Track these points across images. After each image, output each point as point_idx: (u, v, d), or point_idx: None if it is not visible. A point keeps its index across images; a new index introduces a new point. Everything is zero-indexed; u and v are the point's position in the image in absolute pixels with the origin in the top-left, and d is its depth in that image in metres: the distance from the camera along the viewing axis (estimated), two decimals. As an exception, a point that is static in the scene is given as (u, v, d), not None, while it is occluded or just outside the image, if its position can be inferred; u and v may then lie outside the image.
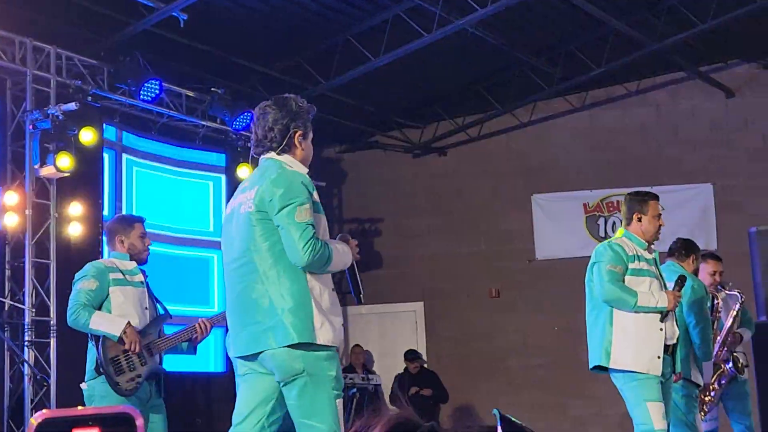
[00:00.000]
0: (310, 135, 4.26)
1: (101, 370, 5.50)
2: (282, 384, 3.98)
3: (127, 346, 5.50)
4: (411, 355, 12.05)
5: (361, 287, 4.37)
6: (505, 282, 12.62)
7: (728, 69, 12.51)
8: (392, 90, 12.15)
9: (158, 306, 5.88)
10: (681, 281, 5.87)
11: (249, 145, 4.08)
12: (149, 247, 5.85)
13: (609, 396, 11.93)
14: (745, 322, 7.51)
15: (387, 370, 12.25)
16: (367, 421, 1.09)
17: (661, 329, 5.64)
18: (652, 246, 5.90)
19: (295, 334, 3.89)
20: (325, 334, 3.94)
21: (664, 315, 5.63)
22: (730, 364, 7.29)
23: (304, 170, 4.17)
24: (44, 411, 0.85)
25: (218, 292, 11.01)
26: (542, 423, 12.12)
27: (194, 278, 10.86)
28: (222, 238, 4.28)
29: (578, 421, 12.15)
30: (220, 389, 11.71)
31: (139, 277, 5.76)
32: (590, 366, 5.85)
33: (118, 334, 5.48)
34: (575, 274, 11.05)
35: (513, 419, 1.05)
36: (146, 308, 5.72)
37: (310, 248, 3.89)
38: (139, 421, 0.86)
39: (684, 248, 7.00)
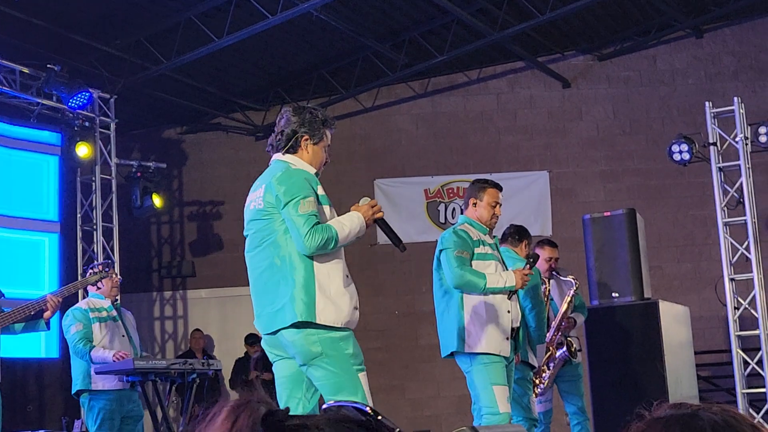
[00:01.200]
0: (323, 143, 4.66)
1: None
2: (306, 367, 4.44)
3: None
4: (252, 340, 12.05)
5: (398, 237, 4.79)
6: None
7: (565, 60, 12.98)
8: (235, 71, 12.10)
9: None
10: (533, 260, 6.07)
11: (86, 124, 4.10)
12: None
13: (446, 378, 12.28)
14: (579, 307, 7.82)
15: (227, 354, 12.21)
16: (209, 409, 1.13)
17: (509, 311, 5.79)
18: (492, 232, 6.11)
19: (297, 313, 4.34)
20: (326, 315, 4.36)
21: (511, 294, 5.82)
22: (564, 349, 7.58)
23: (310, 169, 4.58)
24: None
25: (49, 275, 10.75)
26: (380, 405, 12.28)
27: (25, 261, 10.57)
28: (245, 231, 4.77)
29: (416, 403, 12.41)
30: (52, 375, 11.46)
31: None
32: (444, 353, 5.92)
33: None
34: (415, 259, 11.33)
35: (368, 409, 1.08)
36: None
37: (312, 236, 4.32)
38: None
39: (517, 234, 7.24)
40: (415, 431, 12.36)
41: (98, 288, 7.40)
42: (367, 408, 1.13)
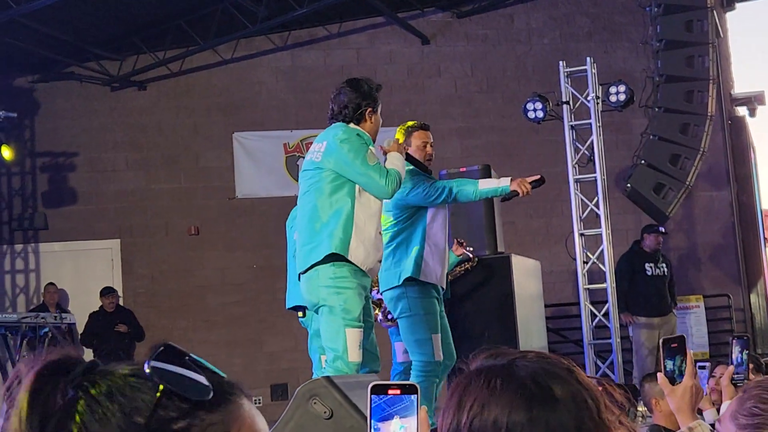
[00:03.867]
0: (379, 110, 5.18)
1: None
2: (315, 312, 4.99)
3: None
4: (106, 291, 11.87)
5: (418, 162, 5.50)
6: (204, 219, 12.65)
7: (425, 16, 13.10)
8: (90, 19, 11.77)
9: None
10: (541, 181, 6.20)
11: None
12: None
13: (303, 332, 12.33)
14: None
15: (82, 309, 11.98)
16: (21, 368, 1.09)
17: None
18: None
19: (332, 246, 4.78)
20: (357, 255, 4.81)
21: (506, 198, 6.08)
22: None
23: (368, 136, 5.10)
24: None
25: None
26: (238, 359, 12.36)
27: None
28: (299, 179, 5.25)
29: (273, 357, 12.46)
30: None
31: None
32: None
33: None
34: (275, 213, 11.31)
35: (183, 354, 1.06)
36: None
37: (389, 180, 4.89)
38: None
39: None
40: (272, 384, 12.43)
41: None
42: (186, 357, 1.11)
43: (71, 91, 12.76)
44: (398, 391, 1.57)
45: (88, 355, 12.04)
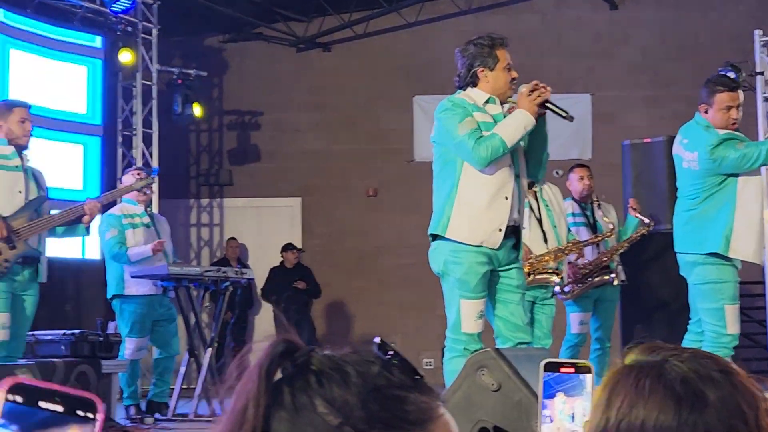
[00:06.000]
0: (501, 64, 4.82)
1: None
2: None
3: None
4: (290, 247, 12.18)
5: (564, 110, 4.80)
6: (382, 181, 12.77)
7: (613, -19, 12.74)
8: (279, -19, 11.99)
9: (39, 190, 5.86)
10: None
11: (129, 29, 4.16)
12: (30, 132, 5.79)
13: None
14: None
15: (261, 264, 12.34)
16: (244, 355, 1.17)
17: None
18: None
19: (433, 225, 4.77)
20: (458, 231, 4.67)
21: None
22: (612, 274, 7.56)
23: (483, 96, 4.79)
24: (15, 378, 0.90)
25: (90, 178, 10.85)
26: (411, 321, 12.47)
27: (70, 163, 10.67)
28: None
29: (445, 320, 12.48)
30: (91, 277, 11.64)
31: (16, 161, 5.71)
32: None
33: None
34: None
35: (394, 349, 1.10)
36: (20, 192, 5.69)
37: (478, 148, 4.57)
38: (100, 414, 0.92)
39: None
40: (443, 348, 12.48)
41: (144, 194, 7.48)
42: (390, 351, 1.16)
43: (259, 51, 13.07)
44: (571, 370, 1.56)
45: (267, 309, 12.41)
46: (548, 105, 4.76)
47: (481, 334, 4.79)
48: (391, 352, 1.14)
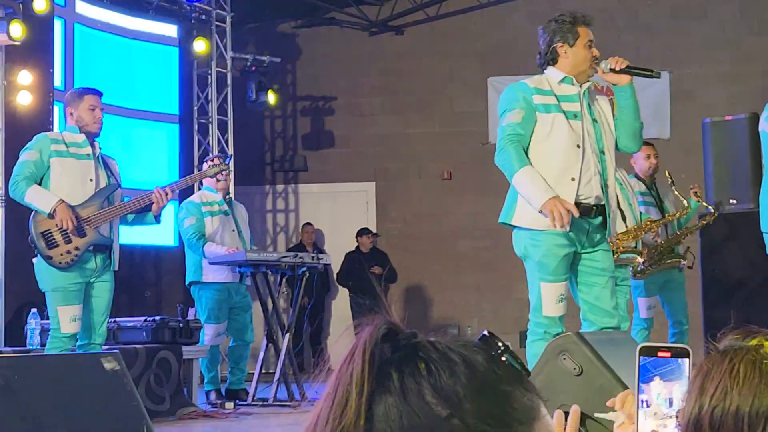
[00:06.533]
0: (581, 40, 4.76)
1: (32, 245, 5.57)
2: None
3: (57, 224, 5.53)
4: (365, 231, 12.21)
5: (648, 69, 4.79)
6: (456, 164, 12.71)
7: (691, -44, 12.48)
8: (350, -35, 11.97)
9: (110, 178, 5.89)
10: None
11: (203, 17, 4.19)
12: (100, 119, 5.82)
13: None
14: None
15: (336, 249, 12.38)
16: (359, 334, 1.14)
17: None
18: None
19: (502, 214, 4.81)
20: (523, 218, 4.65)
21: None
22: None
23: (559, 76, 4.76)
24: None
25: (169, 166, 10.99)
26: (487, 304, 12.42)
27: (147, 151, 10.82)
28: None
29: (523, 303, 12.38)
30: (170, 264, 11.80)
31: (87, 150, 5.76)
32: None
33: (48, 211, 5.52)
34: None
35: (505, 344, 1.08)
36: (91, 180, 5.74)
37: (500, 151, 4.67)
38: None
39: None
40: (520, 331, 12.41)
41: (217, 181, 7.54)
42: (500, 344, 1.13)
43: (331, 36, 13.08)
44: (668, 354, 1.55)
45: (343, 294, 12.45)
46: (631, 69, 4.72)
47: (563, 317, 4.71)
48: (501, 346, 1.11)
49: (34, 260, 5.67)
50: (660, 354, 1.56)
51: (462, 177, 12.68)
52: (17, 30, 8.46)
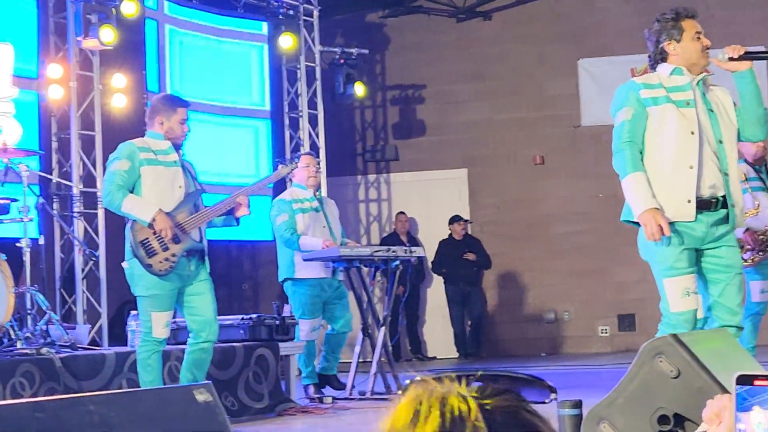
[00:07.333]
0: (687, 33, 4.73)
1: (132, 253, 5.65)
2: None
3: (157, 233, 5.61)
4: (457, 218, 12.18)
5: (763, 53, 4.94)
6: (548, 148, 12.58)
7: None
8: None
9: (194, 183, 5.97)
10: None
11: (290, 12, 4.21)
12: (186, 133, 5.90)
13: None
14: None
15: (430, 237, 12.38)
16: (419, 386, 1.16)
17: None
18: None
19: (623, 212, 4.70)
20: (634, 210, 4.54)
21: None
22: None
23: (669, 69, 4.71)
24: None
25: (261, 162, 11.10)
26: (584, 289, 12.29)
27: (240, 148, 10.94)
28: None
29: (620, 287, 12.26)
30: (265, 258, 11.96)
31: (174, 157, 5.82)
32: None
33: (149, 221, 5.60)
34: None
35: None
36: (180, 186, 5.81)
37: (616, 154, 4.61)
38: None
39: None
40: (619, 314, 12.27)
41: (291, 179, 7.59)
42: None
43: (419, 24, 13.03)
44: (766, 382, 1.49)
45: (438, 282, 12.44)
46: (750, 54, 4.69)
47: (695, 313, 4.57)
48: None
49: (124, 265, 5.76)
50: (757, 382, 1.51)
51: (554, 161, 12.56)
52: (108, 35, 8.62)
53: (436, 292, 12.54)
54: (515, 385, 1.50)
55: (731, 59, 4.64)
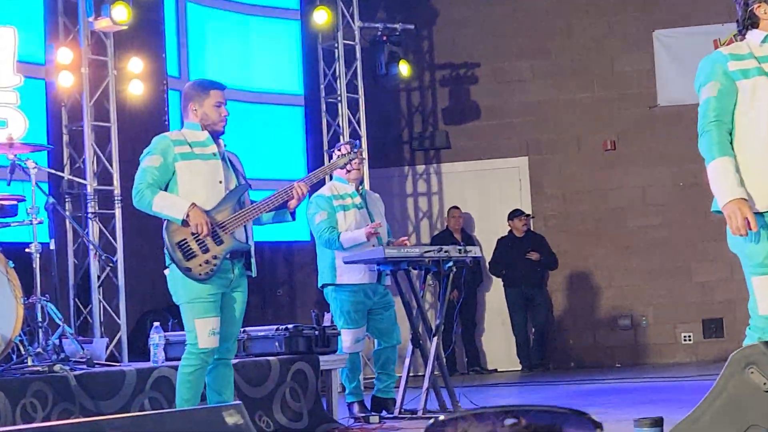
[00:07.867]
0: None
1: (170, 257, 5.63)
2: None
3: (192, 230, 5.59)
4: (517, 213, 12.13)
5: None
6: (621, 132, 12.50)
7: None
8: None
9: (238, 177, 5.92)
10: None
11: None
12: (226, 117, 5.85)
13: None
14: None
15: (487, 233, 12.35)
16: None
17: None
18: None
19: (714, 201, 4.57)
20: (719, 200, 4.48)
21: None
22: None
23: (760, 36, 4.61)
24: None
25: (296, 153, 11.11)
26: (663, 290, 12.19)
27: (271, 137, 10.96)
28: None
29: (705, 287, 12.16)
30: (302, 259, 11.99)
31: (213, 149, 5.78)
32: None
33: (182, 218, 5.57)
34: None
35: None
36: (220, 182, 5.76)
37: (702, 135, 4.54)
38: None
39: None
40: (704, 319, 12.16)
41: (348, 171, 7.51)
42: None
43: (470, -6, 12.98)
44: None
45: (497, 285, 12.40)
46: None
47: None
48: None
49: (166, 272, 5.74)
50: None
51: (627, 146, 12.47)
52: (121, 13, 8.65)
53: (495, 297, 12.50)
54: (556, 421, 1.50)
55: None
